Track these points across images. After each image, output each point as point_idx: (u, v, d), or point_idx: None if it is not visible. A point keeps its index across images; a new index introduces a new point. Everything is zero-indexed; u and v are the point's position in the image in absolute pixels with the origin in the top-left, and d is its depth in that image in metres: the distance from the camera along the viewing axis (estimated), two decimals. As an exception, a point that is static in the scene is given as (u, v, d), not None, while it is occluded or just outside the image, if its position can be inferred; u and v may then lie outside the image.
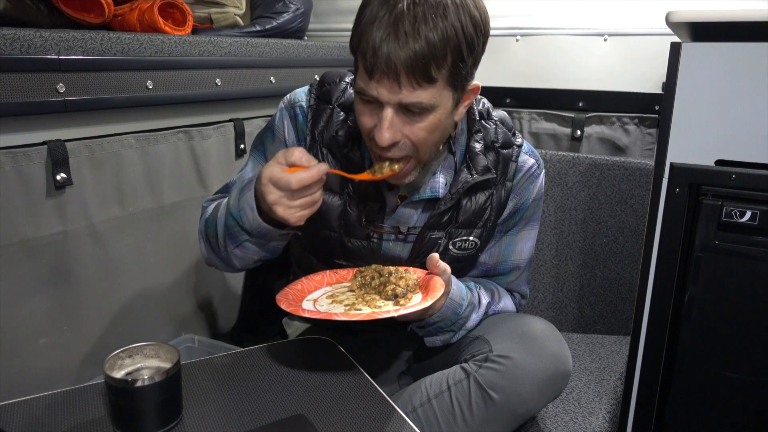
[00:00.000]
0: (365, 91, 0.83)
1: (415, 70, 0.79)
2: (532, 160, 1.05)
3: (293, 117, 1.03)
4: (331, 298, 0.93)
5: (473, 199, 1.00)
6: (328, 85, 1.02)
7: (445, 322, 0.99)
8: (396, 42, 0.78)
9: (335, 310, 0.87)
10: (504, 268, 1.10)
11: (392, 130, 0.84)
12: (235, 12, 1.60)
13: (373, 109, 0.86)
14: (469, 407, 0.92)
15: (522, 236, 1.09)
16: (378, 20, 0.79)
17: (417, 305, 0.84)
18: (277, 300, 0.88)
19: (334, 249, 1.03)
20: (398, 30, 0.78)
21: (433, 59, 0.79)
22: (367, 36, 0.80)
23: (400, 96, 0.81)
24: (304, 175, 0.81)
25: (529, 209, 1.06)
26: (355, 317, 0.82)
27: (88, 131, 1.14)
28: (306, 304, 0.90)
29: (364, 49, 0.80)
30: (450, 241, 1.01)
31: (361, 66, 0.83)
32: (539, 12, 1.67)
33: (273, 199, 0.82)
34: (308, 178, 0.81)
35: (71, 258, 1.13)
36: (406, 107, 0.83)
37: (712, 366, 0.93)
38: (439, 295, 0.86)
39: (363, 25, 0.81)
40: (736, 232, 0.87)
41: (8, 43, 0.96)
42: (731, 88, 0.84)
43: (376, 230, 1.00)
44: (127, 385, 0.72)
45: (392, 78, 0.80)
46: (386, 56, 0.78)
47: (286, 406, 0.82)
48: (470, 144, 0.99)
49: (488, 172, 0.98)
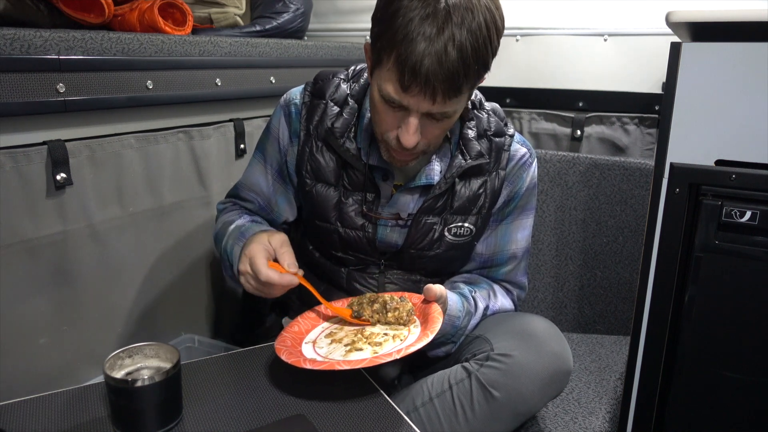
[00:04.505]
0: (396, 100, 0.85)
1: (452, 87, 0.81)
2: (524, 149, 1.07)
3: (287, 115, 1.07)
4: (329, 336, 0.92)
5: (468, 185, 1.02)
6: (321, 81, 1.05)
7: (445, 336, 1.01)
8: (437, 63, 0.78)
9: (336, 351, 0.87)
10: (501, 258, 1.11)
11: (417, 134, 0.88)
12: (235, 12, 1.60)
13: (398, 112, 0.88)
14: (470, 406, 0.92)
15: (517, 225, 1.10)
16: (417, 37, 0.78)
17: (417, 343, 0.83)
18: (276, 350, 0.87)
19: (331, 240, 1.05)
20: (438, 48, 0.78)
21: (465, 76, 0.81)
22: (405, 51, 0.79)
23: (431, 108, 0.84)
24: (274, 277, 0.88)
25: (523, 198, 1.08)
26: (359, 365, 0.81)
27: (88, 131, 1.14)
28: (306, 348, 0.89)
29: (402, 65, 0.80)
30: (445, 227, 1.03)
31: (395, 78, 0.82)
32: (539, 12, 1.67)
33: (242, 269, 0.92)
34: (276, 280, 0.88)
35: (71, 258, 1.13)
36: (432, 115, 0.86)
37: (712, 366, 0.93)
38: (438, 327, 0.86)
39: (397, 34, 0.80)
40: (736, 232, 0.87)
41: (8, 43, 0.96)
42: (731, 88, 0.84)
43: (377, 217, 1.02)
44: (127, 385, 0.72)
45: (428, 93, 0.81)
46: (425, 75, 0.79)
47: (286, 406, 0.82)
48: (463, 131, 1.02)
49: (481, 157, 1.01)
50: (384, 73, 0.84)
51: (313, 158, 1.03)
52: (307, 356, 0.86)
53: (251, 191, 1.13)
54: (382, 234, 1.04)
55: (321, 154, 1.03)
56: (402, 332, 0.89)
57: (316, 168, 1.03)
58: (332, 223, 1.04)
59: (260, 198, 1.13)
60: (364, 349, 0.86)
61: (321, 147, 1.03)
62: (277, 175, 1.11)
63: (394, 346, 0.85)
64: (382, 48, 0.83)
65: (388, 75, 0.84)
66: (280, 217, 1.13)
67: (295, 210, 1.14)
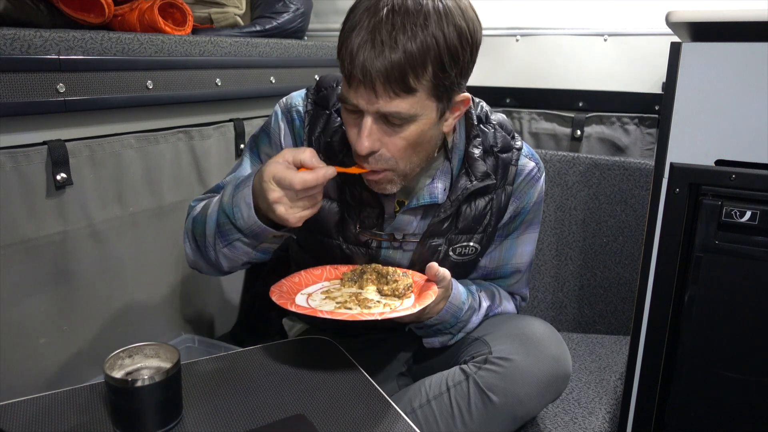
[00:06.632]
0: (346, 99, 0.83)
1: (391, 80, 0.78)
2: (532, 164, 1.03)
3: (290, 121, 1.02)
4: (325, 293, 0.93)
5: (473, 205, 0.99)
6: (324, 89, 1.00)
7: (444, 325, 0.99)
8: (372, 51, 0.77)
9: (326, 306, 0.87)
10: (504, 271, 1.10)
11: (371, 138, 0.83)
12: (235, 12, 1.60)
13: (356, 117, 0.85)
14: (468, 409, 0.92)
15: (523, 240, 1.08)
16: (357, 28, 0.78)
17: (403, 310, 0.84)
18: (270, 291, 0.88)
19: (334, 254, 1.02)
20: (375, 39, 0.77)
21: (410, 69, 0.78)
22: (346, 43, 0.79)
23: (378, 105, 0.80)
24: (309, 177, 0.80)
25: (529, 213, 1.05)
26: (340, 317, 0.81)
27: (88, 131, 1.14)
28: (299, 298, 0.90)
29: (343, 56, 0.80)
30: (450, 248, 1.00)
31: (342, 73, 0.82)
32: (539, 12, 1.67)
33: (275, 197, 0.81)
34: (313, 180, 0.80)
35: (71, 258, 1.13)
36: (386, 117, 0.82)
37: (712, 366, 0.93)
38: (428, 302, 0.86)
39: (344, 32, 0.80)
40: (736, 232, 0.87)
41: (8, 43, 0.96)
42: (731, 88, 0.84)
43: (372, 237, 0.99)
44: (127, 385, 0.72)
45: (369, 87, 0.79)
46: (362, 65, 0.77)
47: (286, 406, 0.82)
48: (469, 149, 0.97)
49: (488, 177, 0.97)
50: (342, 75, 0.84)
51: None
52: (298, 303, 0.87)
53: None
54: (384, 254, 1.01)
55: None
56: (394, 303, 0.89)
57: None
58: (335, 238, 1.01)
59: None
60: (353, 309, 0.86)
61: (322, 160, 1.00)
62: None
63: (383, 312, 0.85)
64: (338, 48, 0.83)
65: (341, 73, 0.83)
66: None
67: None
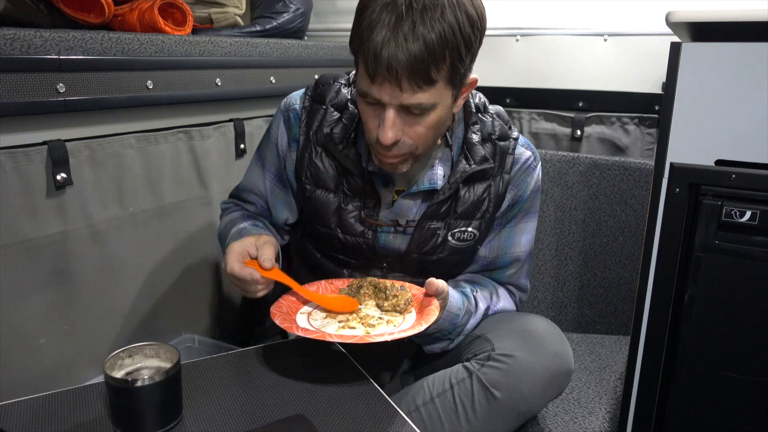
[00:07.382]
0: (368, 93, 0.85)
1: (416, 73, 0.80)
2: (529, 153, 1.07)
3: (287, 120, 1.07)
4: (326, 311, 0.94)
5: (471, 190, 1.01)
6: (322, 86, 1.05)
7: (443, 332, 1.01)
8: (396, 47, 0.79)
9: (329, 326, 0.88)
10: (504, 261, 1.11)
11: (395, 129, 0.86)
12: (235, 12, 1.60)
13: (376, 109, 0.87)
14: (472, 406, 0.92)
15: (521, 228, 1.10)
16: (378, 26, 0.80)
17: (409, 330, 0.84)
18: (272, 313, 0.89)
19: (332, 244, 1.05)
20: (398, 35, 0.79)
21: (432, 61, 0.80)
22: (367, 42, 0.81)
23: (402, 98, 0.83)
24: (235, 269, 0.89)
25: (527, 201, 1.08)
26: (349, 340, 0.83)
27: (88, 131, 1.14)
28: (300, 318, 0.91)
29: (366, 54, 0.82)
30: (449, 232, 1.02)
31: (363, 70, 0.84)
32: (539, 12, 1.67)
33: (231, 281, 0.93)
34: (237, 273, 0.89)
35: (71, 258, 1.13)
36: (408, 108, 0.85)
37: (712, 366, 0.93)
38: (433, 319, 0.86)
39: (363, 29, 0.82)
40: (736, 232, 0.87)
41: (8, 43, 0.96)
42: (731, 88, 0.84)
43: (375, 223, 1.02)
44: (127, 385, 0.72)
45: (394, 82, 0.81)
46: (387, 61, 0.79)
47: (286, 406, 0.82)
48: (468, 135, 1.01)
49: (486, 161, 1.00)
50: (359, 70, 0.86)
51: (312, 164, 1.03)
52: (301, 325, 0.88)
53: (252, 193, 1.14)
54: (384, 240, 1.03)
55: (320, 160, 1.03)
56: (396, 319, 0.90)
57: (316, 174, 1.03)
58: (332, 229, 1.04)
59: (261, 200, 1.14)
60: (357, 328, 0.87)
61: (320, 153, 1.03)
62: (275, 180, 1.11)
63: (387, 330, 0.86)
64: (355, 46, 0.85)
65: (360, 69, 0.85)
66: (280, 219, 1.13)
67: (296, 212, 1.14)
